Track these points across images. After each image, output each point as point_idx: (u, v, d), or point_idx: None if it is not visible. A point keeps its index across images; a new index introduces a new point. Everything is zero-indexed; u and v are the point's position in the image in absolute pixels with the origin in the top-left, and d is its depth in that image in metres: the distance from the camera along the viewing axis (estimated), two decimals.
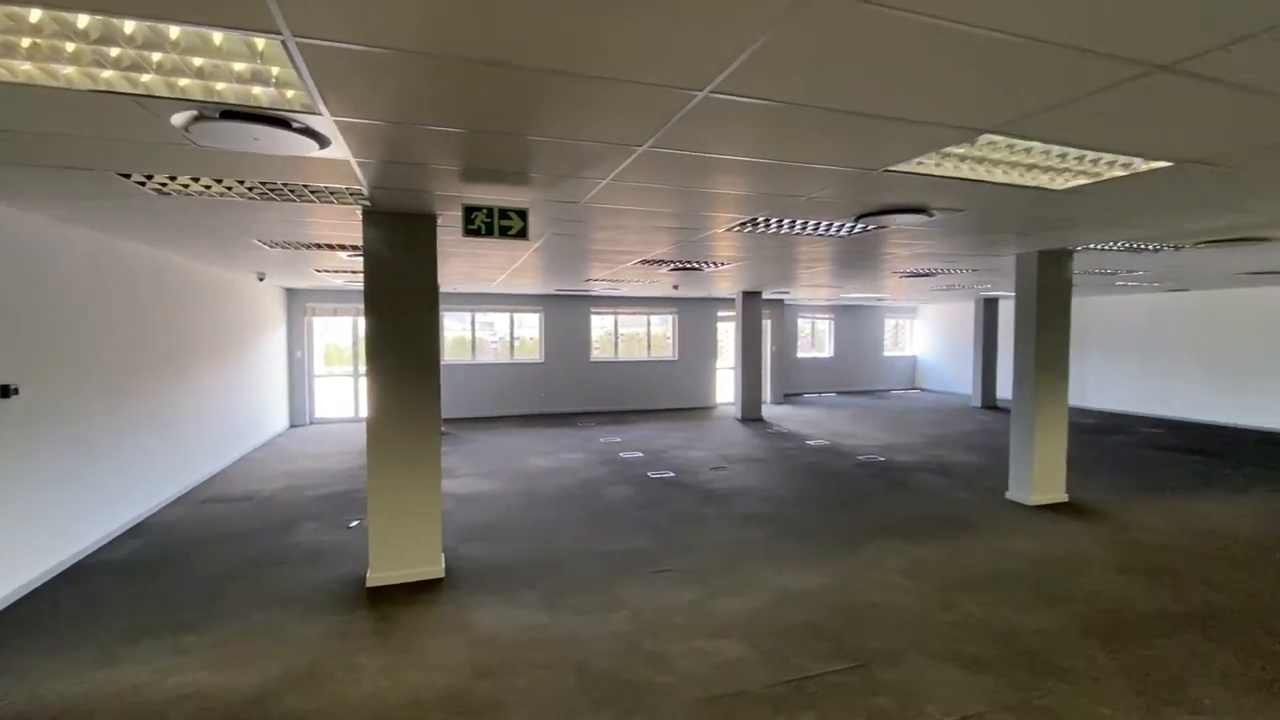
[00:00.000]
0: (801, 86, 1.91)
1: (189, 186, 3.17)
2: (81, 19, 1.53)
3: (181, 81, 1.88)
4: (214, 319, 7.16)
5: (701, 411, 12.65)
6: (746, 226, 4.38)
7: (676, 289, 10.37)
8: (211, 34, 1.60)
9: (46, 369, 4.10)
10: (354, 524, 5.17)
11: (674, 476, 6.95)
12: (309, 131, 2.35)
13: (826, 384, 15.75)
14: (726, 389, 13.34)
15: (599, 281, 8.91)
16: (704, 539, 4.85)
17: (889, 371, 16.63)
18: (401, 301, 3.89)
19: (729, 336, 13.13)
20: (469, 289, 10.68)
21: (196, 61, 1.76)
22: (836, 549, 4.63)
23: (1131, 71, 1.78)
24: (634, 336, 13.34)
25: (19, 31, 1.59)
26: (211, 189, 3.23)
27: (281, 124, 2.26)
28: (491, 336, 12.36)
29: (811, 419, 11.46)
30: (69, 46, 1.67)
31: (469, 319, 11.89)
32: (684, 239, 5.00)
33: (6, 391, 3.71)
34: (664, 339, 13.49)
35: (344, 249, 5.47)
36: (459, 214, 3.68)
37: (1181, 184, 3.12)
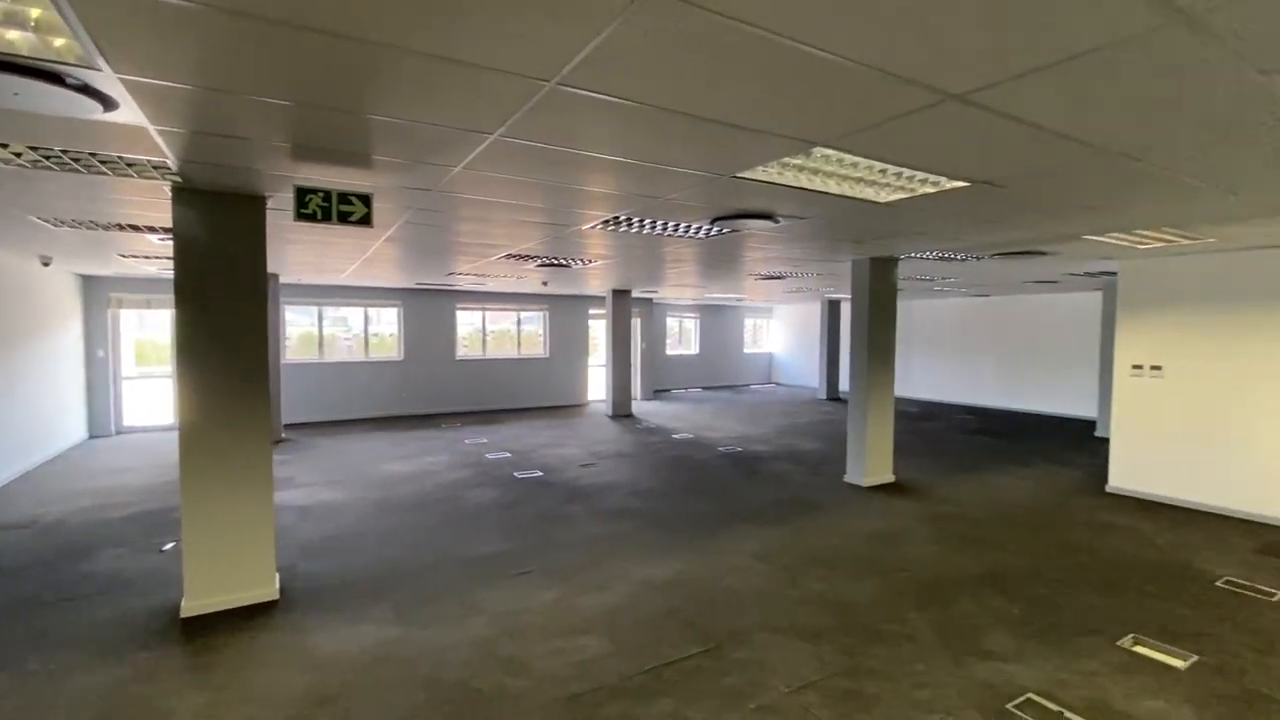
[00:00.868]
0: (646, 86, 1.94)
1: None
2: None
3: None
4: None
5: (573, 409, 12.62)
6: (611, 225, 4.41)
7: (545, 285, 10.24)
8: None
9: None
10: (168, 547, 4.52)
11: (542, 476, 6.85)
12: (89, 90, 1.99)
13: (693, 380, 16.44)
14: (599, 386, 13.42)
15: (464, 275, 8.55)
16: (569, 537, 4.83)
17: (749, 368, 17.73)
18: (222, 292, 3.44)
19: (601, 334, 13.21)
20: (317, 280, 9.78)
21: None
22: (696, 537, 4.82)
23: (929, 99, 2.01)
24: (504, 333, 12.97)
25: None
26: None
27: (52, 78, 1.89)
28: (345, 333, 11.41)
29: (678, 414, 11.87)
30: None
31: (316, 313, 10.87)
32: (551, 235, 4.93)
33: None
34: (535, 336, 13.26)
35: (154, 231, 4.74)
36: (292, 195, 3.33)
37: (978, 202, 3.60)
